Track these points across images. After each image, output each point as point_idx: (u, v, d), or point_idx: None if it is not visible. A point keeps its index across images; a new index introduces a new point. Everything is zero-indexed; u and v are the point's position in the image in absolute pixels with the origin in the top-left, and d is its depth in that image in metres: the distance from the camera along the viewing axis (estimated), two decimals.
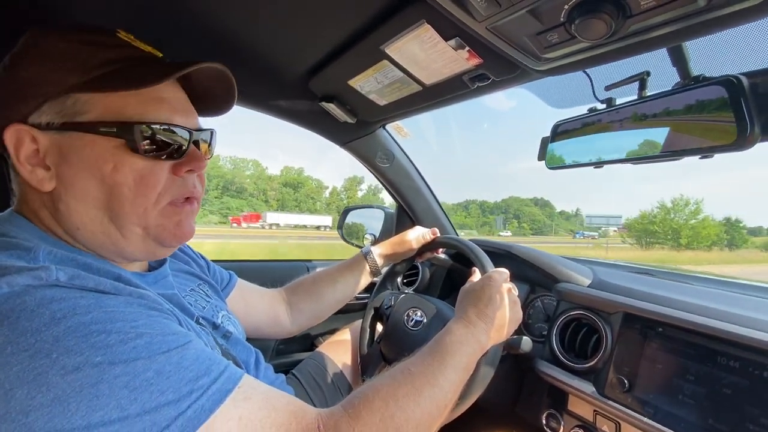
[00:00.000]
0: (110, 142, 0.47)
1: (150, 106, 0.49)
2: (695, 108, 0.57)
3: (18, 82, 0.47)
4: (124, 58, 0.49)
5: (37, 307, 0.37)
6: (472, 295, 0.74)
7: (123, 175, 0.47)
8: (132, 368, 0.37)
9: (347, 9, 0.71)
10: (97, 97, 0.47)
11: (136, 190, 0.48)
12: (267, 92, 1.09)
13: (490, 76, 0.79)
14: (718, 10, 0.45)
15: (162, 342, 0.40)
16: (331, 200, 68.90)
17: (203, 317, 0.62)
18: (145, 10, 0.73)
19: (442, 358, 0.62)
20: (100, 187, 0.47)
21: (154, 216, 0.51)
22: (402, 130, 1.35)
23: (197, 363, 0.41)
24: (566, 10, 0.51)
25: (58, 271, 0.40)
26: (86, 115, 0.47)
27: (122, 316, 0.40)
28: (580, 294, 0.90)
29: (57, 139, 0.47)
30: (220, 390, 0.41)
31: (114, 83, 0.47)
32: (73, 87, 0.46)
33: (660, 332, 0.73)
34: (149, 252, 0.54)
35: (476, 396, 0.74)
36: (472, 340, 0.67)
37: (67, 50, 0.47)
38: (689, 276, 1.02)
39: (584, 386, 0.80)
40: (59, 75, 0.46)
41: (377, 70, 0.88)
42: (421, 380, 0.57)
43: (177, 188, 0.52)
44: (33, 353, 0.35)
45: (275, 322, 0.94)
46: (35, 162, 0.47)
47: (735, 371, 0.63)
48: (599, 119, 0.72)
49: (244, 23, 0.77)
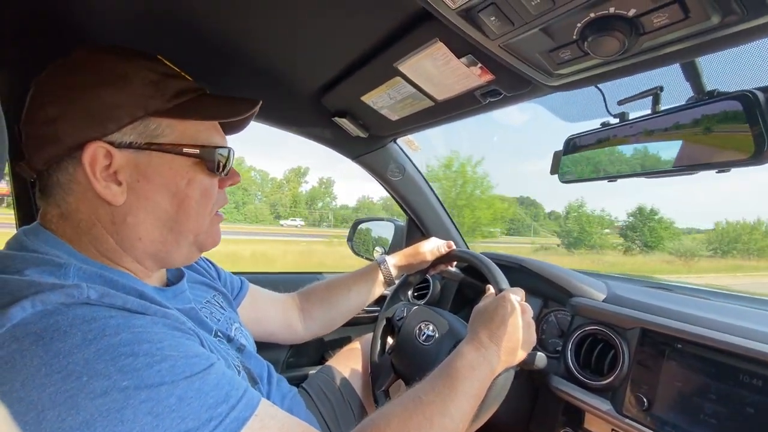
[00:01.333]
0: (186, 161, 0.54)
1: (213, 132, 0.59)
2: (710, 122, 0.57)
3: (101, 104, 0.49)
4: (188, 89, 0.56)
5: (70, 328, 0.38)
6: (485, 316, 0.73)
7: (193, 189, 0.55)
8: (156, 393, 0.38)
9: (362, 28, 0.73)
10: (176, 123, 0.53)
11: (200, 202, 0.56)
12: (281, 108, 1.12)
13: (502, 91, 0.80)
14: (731, 26, 0.46)
15: (185, 365, 0.42)
16: (270, 193, 64.54)
17: (219, 330, 0.63)
18: (168, 33, 0.76)
19: (453, 384, 0.62)
20: (171, 201, 0.54)
21: (207, 225, 0.59)
22: (413, 143, 1.36)
23: (217, 389, 0.43)
24: (579, 28, 0.52)
25: (89, 289, 0.42)
26: (166, 137, 0.52)
27: (149, 337, 0.41)
28: (595, 309, 0.88)
29: (134, 157, 0.51)
30: (237, 418, 0.42)
31: (194, 113, 0.55)
32: (155, 112, 0.52)
33: (679, 349, 0.72)
34: (188, 258, 0.60)
35: (486, 418, 0.72)
36: (484, 364, 0.66)
37: (147, 78, 0.52)
38: (709, 291, 1.00)
39: (601, 404, 0.78)
40: (144, 101, 0.51)
41: (390, 87, 0.89)
42: (431, 410, 0.57)
43: (221, 200, 0.61)
44: (65, 376, 0.36)
45: (288, 328, 0.95)
46: (108, 177, 0.50)
47: (758, 390, 0.61)
48: (613, 134, 0.72)
49: (260, 42, 0.80)
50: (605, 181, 0.77)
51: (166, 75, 0.54)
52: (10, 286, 0.40)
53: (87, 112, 0.49)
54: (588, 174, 0.79)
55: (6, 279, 0.41)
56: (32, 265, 0.44)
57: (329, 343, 1.45)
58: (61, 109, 0.49)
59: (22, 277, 0.42)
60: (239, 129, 0.67)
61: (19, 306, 0.38)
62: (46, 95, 0.50)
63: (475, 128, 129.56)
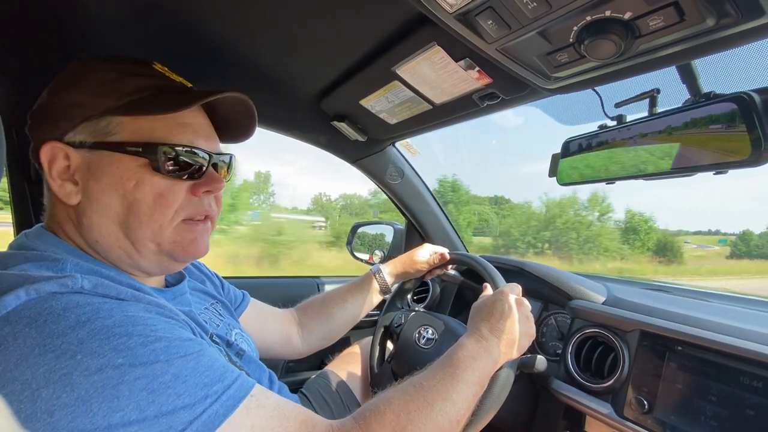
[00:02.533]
0: (135, 161, 0.51)
1: (175, 130, 0.53)
2: (707, 124, 0.57)
3: (61, 105, 0.51)
4: (155, 86, 0.53)
5: (63, 311, 0.38)
6: (484, 311, 0.74)
7: (143, 192, 0.51)
8: (151, 371, 0.39)
9: (360, 33, 0.73)
10: (128, 120, 0.51)
11: (153, 207, 0.51)
12: (280, 112, 1.12)
13: (500, 94, 0.80)
14: (726, 29, 0.46)
15: (180, 346, 0.42)
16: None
17: (217, 335, 0.62)
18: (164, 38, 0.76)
19: (454, 372, 0.61)
20: (121, 203, 0.51)
21: (169, 233, 0.53)
22: (411, 147, 1.36)
23: (212, 369, 0.43)
24: (575, 31, 0.52)
25: (83, 279, 0.42)
26: (116, 135, 0.50)
27: (142, 321, 0.42)
28: (595, 311, 0.88)
29: (87, 156, 0.51)
30: (233, 396, 0.42)
31: (143, 108, 0.51)
32: (108, 110, 0.50)
33: (679, 351, 0.71)
34: (163, 266, 0.57)
35: (490, 417, 0.72)
36: (485, 355, 0.66)
37: (105, 77, 0.51)
38: (707, 293, 1.00)
39: (602, 407, 0.78)
40: (97, 99, 0.50)
41: (388, 90, 0.90)
42: (432, 394, 0.57)
43: (193, 207, 0.55)
44: (59, 354, 0.36)
45: (287, 342, 0.94)
46: (65, 177, 0.51)
47: (758, 391, 0.61)
48: (610, 136, 0.73)
49: (260, 47, 0.81)
50: (603, 183, 0.77)
51: (132, 74, 0.52)
52: (6, 280, 0.41)
53: (48, 113, 0.51)
54: (586, 176, 0.79)
55: (2, 274, 0.42)
56: (29, 261, 0.45)
57: (328, 347, 1.44)
58: (36, 117, 0.52)
59: (18, 271, 0.42)
60: (242, 137, 0.66)
61: (14, 294, 0.38)
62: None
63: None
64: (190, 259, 0.59)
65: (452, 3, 0.52)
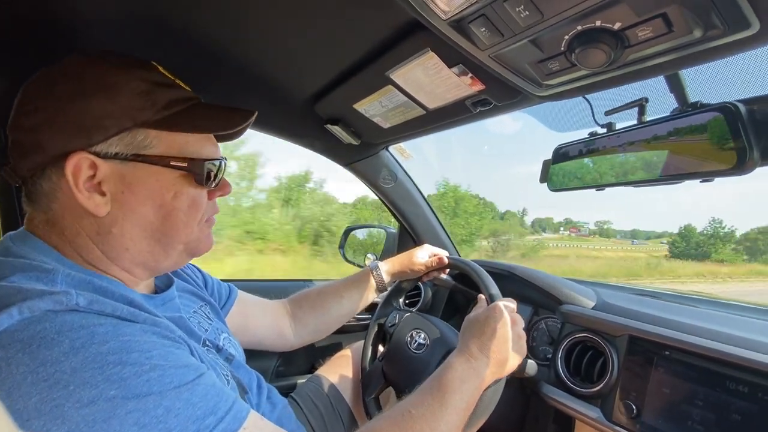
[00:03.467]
0: (173, 173, 0.53)
1: (205, 144, 0.57)
2: (694, 133, 0.58)
3: (87, 114, 0.48)
4: (182, 99, 0.55)
5: (57, 335, 0.37)
6: (476, 327, 0.74)
7: (180, 201, 0.54)
8: (143, 404, 0.38)
9: (354, 37, 0.73)
10: (165, 134, 0.52)
11: (188, 214, 0.55)
12: (273, 114, 1.12)
13: (492, 101, 0.81)
14: (713, 40, 0.47)
15: (174, 375, 0.41)
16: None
17: (208, 340, 0.62)
18: (161, 39, 0.76)
19: (442, 398, 0.62)
20: (156, 213, 0.53)
21: (195, 233, 0.58)
22: (404, 151, 1.37)
23: (205, 400, 0.42)
24: (567, 40, 0.53)
25: (78, 296, 0.41)
26: (154, 149, 0.51)
27: (138, 346, 0.41)
28: (584, 316, 0.89)
29: (119, 168, 0.50)
30: (225, 430, 0.42)
31: (183, 126, 0.54)
32: (145, 123, 0.50)
33: (667, 356, 0.72)
34: (178, 263, 0.60)
35: (476, 429, 0.72)
36: (473, 376, 0.66)
37: (137, 88, 0.51)
38: (695, 299, 1.02)
39: (591, 411, 0.78)
40: (132, 112, 0.50)
41: (382, 95, 0.90)
42: (421, 424, 0.57)
43: (210, 209, 0.61)
44: (52, 384, 0.35)
45: (278, 335, 0.94)
46: (91, 188, 0.49)
47: (744, 396, 0.62)
48: (600, 143, 0.74)
49: (254, 50, 0.80)
50: (593, 189, 0.78)
51: (158, 84, 0.53)
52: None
53: (73, 121, 0.48)
54: (576, 183, 0.80)
55: None
56: (18, 271, 0.43)
57: (319, 351, 1.43)
58: (46, 118, 0.48)
59: (9, 284, 0.41)
60: (234, 137, 0.66)
61: (7, 313, 0.37)
62: (32, 102, 0.49)
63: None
64: (203, 253, 0.62)
65: (446, 10, 0.53)
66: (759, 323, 0.77)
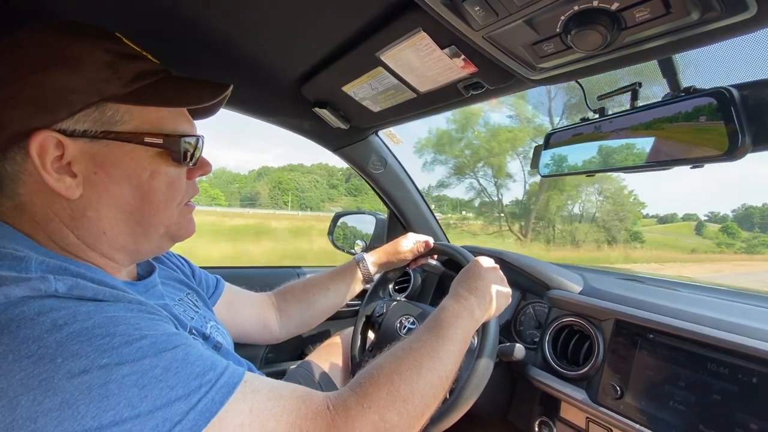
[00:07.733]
0: (148, 151, 0.50)
1: (180, 119, 0.54)
2: (686, 119, 0.58)
3: (48, 89, 0.45)
4: (149, 71, 0.51)
5: (37, 316, 0.36)
6: (462, 279, 0.79)
7: (158, 181, 0.51)
8: (140, 367, 0.37)
9: (343, 15, 0.70)
10: (136, 109, 0.49)
11: (167, 195, 0.53)
12: (258, 97, 1.08)
13: (485, 84, 0.79)
14: (710, 23, 0.46)
15: (166, 341, 0.41)
16: None
17: (194, 327, 0.60)
18: (136, 13, 0.71)
19: (439, 332, 0.64)
20: (134, 193, 0.50)
21: (176, 216, 0.56)
22: (394, 137, 1.35)
23: (202, 359, 0.42)
24: (562, 21, 0.52)
25: (57, 281, 0.39)
26: (125, 125, 0.48)
27: (124, 320, 0.40)
28: (571, 301, 0.90)
29: (90, 146, 0.47)
30: (227, 383, 0.42)
31: (154, 99, 0.50)
32: (112, 97, 0.47)
33: (651, 339, 0.74)
34: (160, 248, 0.58)
35: (470, 404, 0.73)
36: (466, 313, 0.69)
37: (101, 59, 0.47)
38: (678, 283, 1.04)
39: (576, 393, 0.80)
40: (98, 85, 0.46)
41: (372, 77, 0.87)
42: (421, 354, 0.59)
43: (191, 190, 0.58)
44: (36, 359, 0.34)
45: (264, 327, 0.93)
46: (61, 169, 0.46)
47: (724, 377, 0.64)
48: (592, 128, 0.73)
49: (237, 28, 0.76)
50: (584, 175, 0.78)
51: (123, 55, 0.49)
52: None
53: (33, 96, 0.44)
54: (567, 168, 0.80)
55: None
56: None
57: (309, 338, 1.43)
58: (3, 93, 0.44)
59: None
60: (209, 114, 0.64)
61: None
62: None
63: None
64: (185, 238, 0.60)
65: None
66: (739, 306, 0.79)
